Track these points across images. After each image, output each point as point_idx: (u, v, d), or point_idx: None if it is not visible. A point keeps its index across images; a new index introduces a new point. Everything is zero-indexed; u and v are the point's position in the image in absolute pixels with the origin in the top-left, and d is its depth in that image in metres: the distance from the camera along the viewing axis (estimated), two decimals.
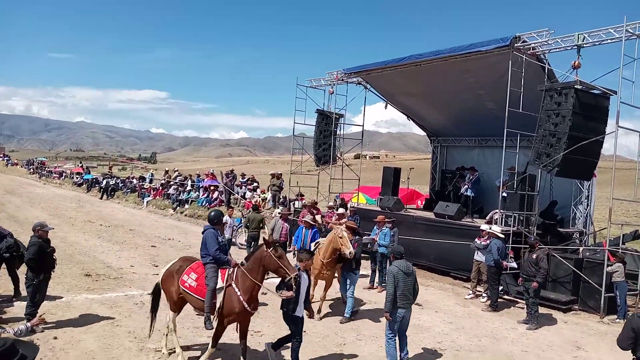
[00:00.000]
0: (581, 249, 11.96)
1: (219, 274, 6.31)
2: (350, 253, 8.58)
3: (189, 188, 24.72)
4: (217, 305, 6.10)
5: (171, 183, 26.31)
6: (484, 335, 8.66)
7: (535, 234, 11.66)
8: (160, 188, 27.74)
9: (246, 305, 6.11)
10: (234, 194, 21.86)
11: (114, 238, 16.38)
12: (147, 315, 7.46)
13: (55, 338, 7.20)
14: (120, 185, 33.05)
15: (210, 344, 6.30)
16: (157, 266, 12.45)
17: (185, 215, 22.35)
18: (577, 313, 10.52)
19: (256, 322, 8.51)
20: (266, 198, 20.39)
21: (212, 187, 22.22)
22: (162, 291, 6.87)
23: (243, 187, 21.58)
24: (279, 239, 11.80)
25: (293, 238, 11.86)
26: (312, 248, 10.01)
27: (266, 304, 9.75)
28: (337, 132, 19.25)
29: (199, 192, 23.75)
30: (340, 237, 8.73)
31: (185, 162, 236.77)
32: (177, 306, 6.73)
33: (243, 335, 6.36)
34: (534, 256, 9.48)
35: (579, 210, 14.30)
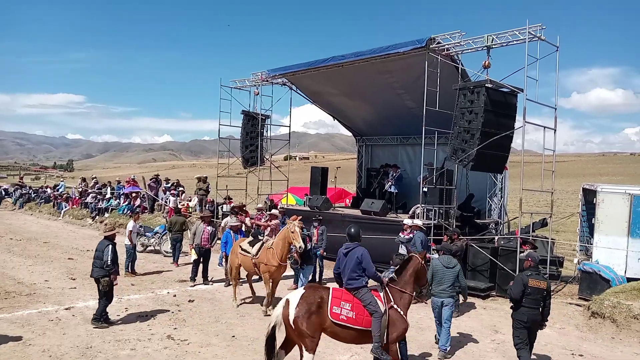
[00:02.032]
0: (496, 238, 12.70)
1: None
2: (300, 247, 8.98)
3: (108, 196, 23.52)
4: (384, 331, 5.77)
5: (89, 191, 24.91)
6: (410, 326, 8.93)
7: (454, 226, 12.25)
8: (77, 197, 26.19)
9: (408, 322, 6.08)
10: (158, 200, 21.07)
11: (26, 252, 15.28)
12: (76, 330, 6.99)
13: None
14: (33, 195, 30.95)
15: None
16: (74, 279, 11.73)
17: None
18: (495, 299, 11.16)
19: (183, 330, 8.27)
20: (190, 204, 19.81)
21: (133, 194, 21.27)
22: (277, 333, 5.79)
23: (167, 193, 20.82)
24: (200, 243, 11.55)
25: (221, 243, 11.63)
26: (244, 246, 9.95)
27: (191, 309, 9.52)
28: (264, 134, 19.14)
29: (119, 199, 22.66)
30: (292, 232, 9.02)
31: (106, 168, 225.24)
32: (316, 345, 5.76)
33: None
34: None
35: (493, 202, 15.18)
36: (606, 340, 8.50)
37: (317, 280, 11.97)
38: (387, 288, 5.97)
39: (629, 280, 10.43)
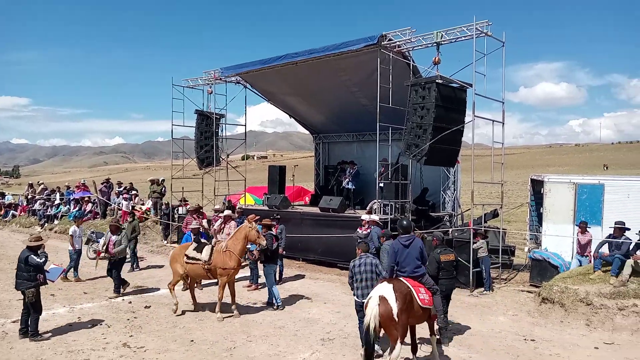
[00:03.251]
0: (450, 230, 13.02)
1: None
2: (265, 245, 9.38)
3: (57, 202, 22.57)
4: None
5: (37, 198, 23.83)
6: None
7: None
8: (25, 204, 25.02)
9: None
10: (110, 205, 20.39)
11: None
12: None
13: None
14: None
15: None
16: None
17: (55, 232, 20.37)
18: None
19: (139, 337, 8.05)
20: (144, 207, 19.29)
21: (85, 199, 20.50)
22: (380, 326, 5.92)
23: (120, 197, 20.16)
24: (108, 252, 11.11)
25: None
26: (190, 254, 9.64)
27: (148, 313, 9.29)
28: (219, 133, 18.86)
29: (69, 205, 21.79)
30: (257, 231, 9.21)
31: (55, 174, 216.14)
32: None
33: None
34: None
35: (447, 195, 15.58)
36: (556, 324, 8.88)
37: (278, 279, 11.93)
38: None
39: None
